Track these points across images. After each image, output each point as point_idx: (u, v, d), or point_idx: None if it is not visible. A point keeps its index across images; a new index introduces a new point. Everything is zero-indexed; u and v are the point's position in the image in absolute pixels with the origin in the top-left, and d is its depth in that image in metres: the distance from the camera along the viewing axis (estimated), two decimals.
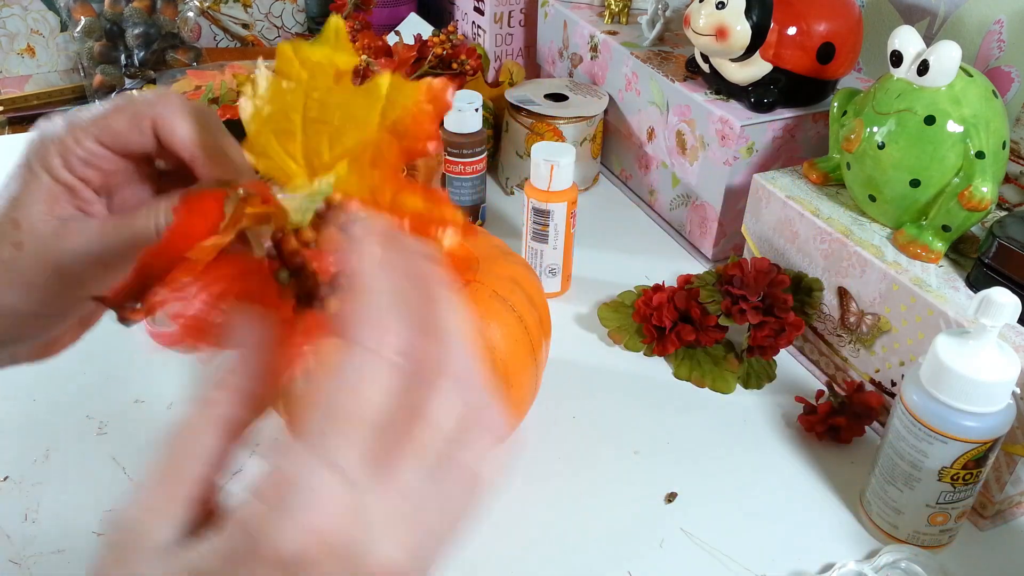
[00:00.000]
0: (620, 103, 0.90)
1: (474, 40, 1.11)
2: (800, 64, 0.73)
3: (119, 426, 0.60)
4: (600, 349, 0.70)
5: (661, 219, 0.89)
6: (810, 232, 0.65)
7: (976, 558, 0.53)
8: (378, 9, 1.17)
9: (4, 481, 0.56)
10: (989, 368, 0.46)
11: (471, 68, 0.95)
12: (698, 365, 0.67)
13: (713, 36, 0.72)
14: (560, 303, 0.75)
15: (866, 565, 0.51)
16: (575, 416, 0.63)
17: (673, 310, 0.68)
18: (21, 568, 0.50)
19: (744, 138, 0.73)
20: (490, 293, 0.52)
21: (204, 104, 0.52)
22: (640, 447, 0.61)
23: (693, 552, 0.53)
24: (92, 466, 0.57)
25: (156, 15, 1.07)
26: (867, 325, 0.61)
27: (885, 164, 0.60)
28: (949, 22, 0.78)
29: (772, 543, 0.54)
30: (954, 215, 0.59)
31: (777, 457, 0.60)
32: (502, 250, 0.57)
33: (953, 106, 0.57)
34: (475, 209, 0.84)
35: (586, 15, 0.97)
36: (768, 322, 0.64)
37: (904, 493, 0.51)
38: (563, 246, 0.73)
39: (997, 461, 0.53)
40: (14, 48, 1.12)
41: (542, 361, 0.56)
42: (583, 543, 0.53)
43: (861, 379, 0.63)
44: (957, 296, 0.56)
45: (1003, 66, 0.74)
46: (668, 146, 0.83)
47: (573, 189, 0.72)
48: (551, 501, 0.56)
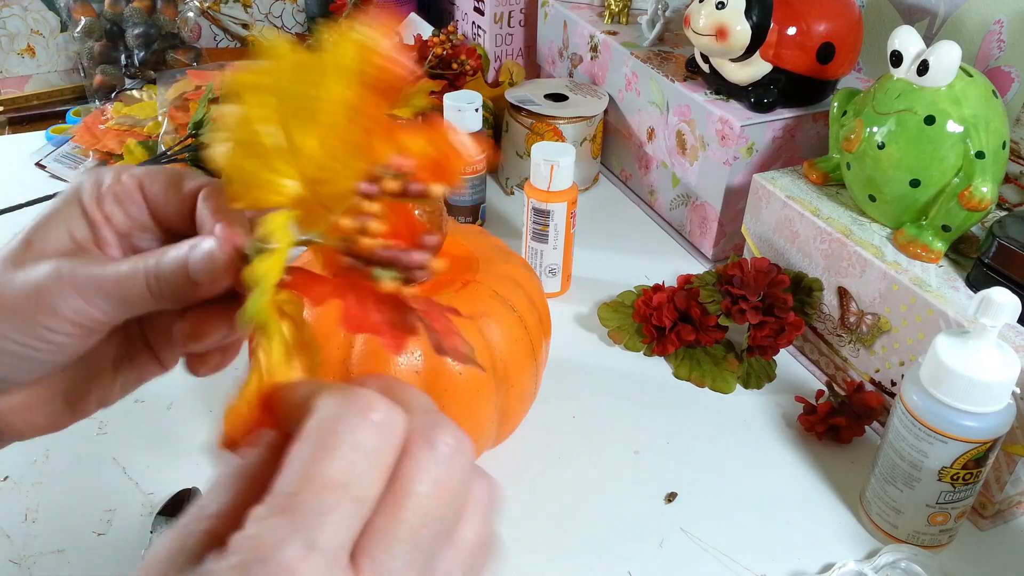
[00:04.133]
0: (620, 103, 0.90)
1: (474, 40, 1.11)
2: (800, 64, 0.73)
3: (119, 426, 0.60)
4: (600, 349, 0.70)
5: (661, 219, 0.89)
6: (810, 232, 0.65)
7: (976, 558, 0.53)
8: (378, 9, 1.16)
9: (4, 481, 0.56)
10: (989, 368, 0.46)
11: (471, 68, 0.95)
12: (698, 365, 0.67)
13: (713, 36, 0.72)
14: (560, 303, 0.75)
15: (866, 565, 0.51)
16: (575, 416, 0.63)
17: (673, 310, 0.68)
18: (21, 568, 0.50)
19: (744, 138, 0.73)
20: (490, 293, 0.52)
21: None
22: (640, 447, 0.61)
23: (693, 552, 0.53)
24: (92, 466, 0.57)
25: (156, 15, 1.07)
26: (867, 325, 0.61)
27: (885, 164, 0.60)
28: (949, 22, 0.78)
29: (772, 543, 0.54)
30: (954, 215, 0.59)
31: (777, 457, 0.60)
32: (502, 250, 0.57)
33: (953, 106, 0.57)
34: (475, 209, 0.84)
35: (586, 15, 0.97)
36: (768, 322, 0.64)
37: (904, 493, 0.51)
38: (563, 246, 0.73)
39: (997, 461, 0.53)
40: (14, 48, 1.12)
41: (542, 361, 0.56)
42: (583, 543, 0.53)
43: (861, 379, 0.63)
44: (957, 296, 0.56)
45: (1003, 66, 0.74)
46: (668, 146, 0.83)
47: (573, 189, 0.72)
48: (551, 501, 0.56)
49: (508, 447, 0.58)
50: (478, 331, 0.50)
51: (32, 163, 0.93)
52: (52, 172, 0.91)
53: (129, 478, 0.56)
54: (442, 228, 0.50)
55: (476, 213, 0.84)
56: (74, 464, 0.57)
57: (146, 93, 0.97)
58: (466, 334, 0.50)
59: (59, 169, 0.91)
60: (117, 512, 0.54)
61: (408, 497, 0.22)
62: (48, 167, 0.92)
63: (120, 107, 0.94)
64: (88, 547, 0.52)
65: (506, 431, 0.56)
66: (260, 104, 0.26)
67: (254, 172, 0.26)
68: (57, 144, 0.94)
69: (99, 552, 0.52)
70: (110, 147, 0.89)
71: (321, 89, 0.26)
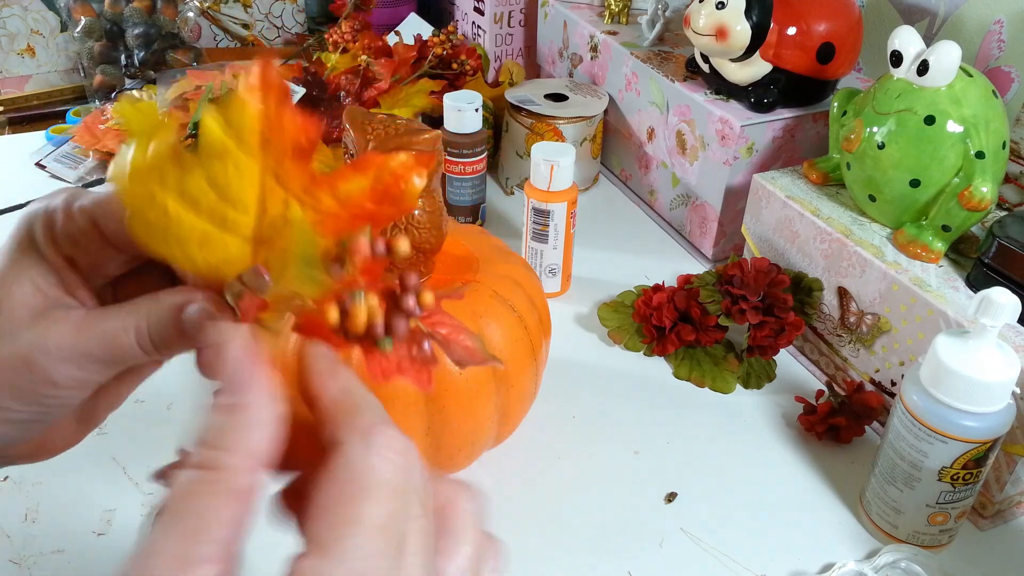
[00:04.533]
0: (620, 103, 0.90)
1: (474, 40, 1.11)
2: (800, 64, 0.73)
3: (119, 426, 0.60)
4: (600, 349, 0.70)
5: (661, 219, 0.89)
6: (810, 232, 0.65)
7: (976, 558, 0.53)
8: (378, 9, 1.16)
9: (4, 481, 0.56)
10: (989, 368, 0.46)
11: (471, 68, 0.95)
12: (698, 365, 0.67)
13: (713, 36, 0.72)
14: (560, 303, 0.75)
15: (866, 565, 0.51)
16: (575, 416, 0.63)
17: (673, 310, 0.68)
18: (21, 568, 0.50)
19: (744, 138, 0.73)
20: (490, 293, 0.52)
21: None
22: (640, 447, 0.61)
23: (693, 552, 0.53)
24: (92, 466, 0.57)
25: (156, 15, 1.07)
26: (867, 325, 0.61)
27: (885, 164, 0.60)
28: (949, 22, 0.78)
29: (772, 543, 0.54)
30: (954, 215, 0.59)
31: (777, 457, 0.60)
32: (502, 250, 0.57)
33: (953, 106, 0.57)
34: (475, 209, 0.84)
35: (586, 15, 0.97)
36: (768, 322, 0.64)
37: (904, 493, 0.51)
38: (563, 246, 0.73)
39: (997, 461, 0.53)
40: (14, 48, 1.12)
41: (542, 361, 0.56)
42: (583, 543, 0.53)
43: (861, 379, 0.63)
44: (957, 296, 0.56)
45: (1003, 66, 0.74)
46: (668, 146, 0.83)
47: (573, 189, 0.72)
48: (551, 501, 0.56)
49: (508, 447, 0.58)
50: (478, 331, 0.50)
51: (32, 163, 0.93)
52: (52, 172, 0.91)
53: (129, 478, 0.56)
54: (442, 228, 0.50)
55: (476, 213, 0.84)
56: (74, 464, 0.57)
57: (146, 93, 0.97)
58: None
59: (59, 169, 0.91)
60: (117, 512, 0.54)
61: (462, 546, 0.25)
62: (48, 167, 0.92)
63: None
64: (88, 547, 0.52)
65: (506, 431, 0.56)
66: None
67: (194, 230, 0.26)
68: (57, 144, 0.94)
69: (99, 552, 0.52)
70: (110, 147, 0.89)
71: (237, 175, 0.25)
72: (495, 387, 0.51)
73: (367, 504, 0.22)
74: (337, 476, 0.22)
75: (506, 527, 0.54)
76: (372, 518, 0.22)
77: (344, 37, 0.98)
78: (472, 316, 0.50)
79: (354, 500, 0.22)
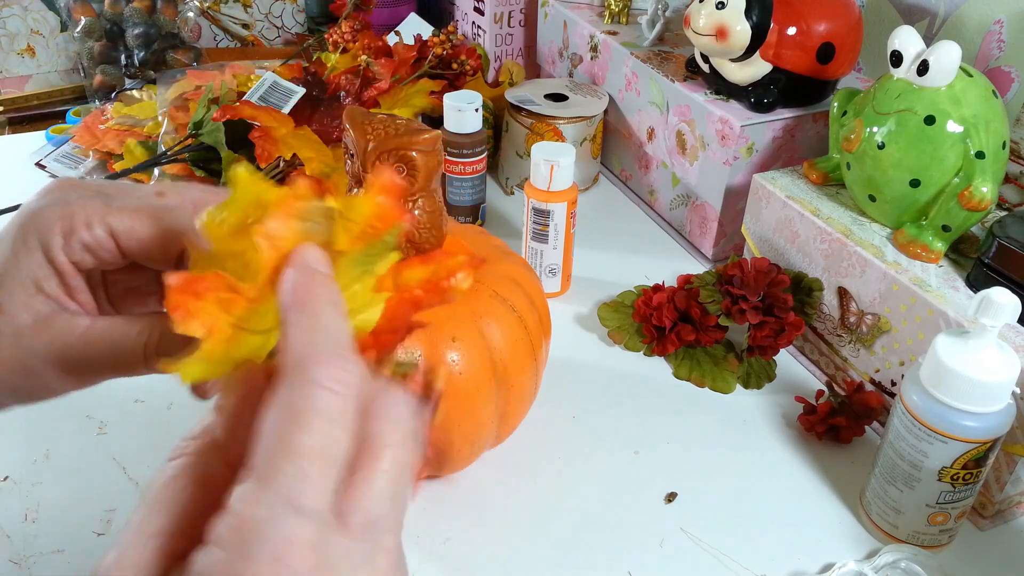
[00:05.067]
0: (620, 103, 0.90)
1: (474, 40, 1.11)
2: (800, 64, 0.73)
3: (119, 426, 0.60)
4: (600, 349, 0.70)
5: (661, 219, 0.89)
6: (810, 232, 0.65)
7: (976, 558, 0.53)
8: (378, 9, 1.16)
9: (4, 481, 0.56)
10: (989, 368, 0.46)
11: (471, 68, 0.95)
12: (698, 365, 0.67)
13: (713, 36, 0.72)
14: (560, 303, 0.75)
15: (866, 565, 0.51)
16: (575, 416, 0.63)
17: (673, 310, 0.68)
18: (21, 568, 0.50)
19: (744, 138, 0.73)
20: (490, 293, 0.52)
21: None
22: (640, 447, 0.61)
23: (693, 552, 0.53)
24: (92, 466, 0.57)
25: (156, 15, 1.07)
26: (867, 325, 0.61)
27: (885, 164, 0.60)
28: (949, 22, 0.78)
29: (772, 543, 0.54)
30: (954, 215, 0.59)
31: (777, 457, 0.60)
32: (502, 250, 0.57)
33: (953, 106, 0.57)
34: (475, 209, 0.84)
35: (586, 15, 0.97)
36: (768, 322, 0.64)
37: (904, 493, 0.51)
38: (563, 246, 0.73)
39: (997, 461, 0.53)
40: (14, 48, 1.12)
41: (542, 361, 0.56)
42: (583, 543, 0.53)
43: (861, 379, 0.63)
44: (957, 296, 0.56)
45: (1003, 66, 0.74)
46: (668, 146, 0.83)
47: (573, 189, 0.72)
48: (551, 501, 0.56)
49: (508, 447, 0.58)
50: (478, 331, 0.50)
51: (32, 163, 0.93)
52: (52, 172, 0.91)
53: (129, 478, 0.56)
54: (442, 228, 0.50)
55: (476, 213, 0.84)
56: (74, 464, 0.57)
57: (146, 93, 0.97)
58: (466, 333, 0.50)
59: (59, 169, 0.91)
60: (117, 512, 0.54)
61: (385, 450, 0.24)
62: (48, 167, 0.92)
63: (120, 107, 0.94)
64: (88, 547, 0.52)
65: (506, 431, 0.56)
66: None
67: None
68: (57, 144, 0.94)
69: (99, 552, 0.51)
70: (110, 147, 0.89)
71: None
72: (495, 387, 0.51)
73: (302, 433, 0.22)
74: (276, 403, 0.23)
75: (506, 527, 0.54)
76: (305, 446, 0.22)
77: (344, 37, 0.98)
78: (472, 316, 0.50)
79: (288, 429, 0.22)
